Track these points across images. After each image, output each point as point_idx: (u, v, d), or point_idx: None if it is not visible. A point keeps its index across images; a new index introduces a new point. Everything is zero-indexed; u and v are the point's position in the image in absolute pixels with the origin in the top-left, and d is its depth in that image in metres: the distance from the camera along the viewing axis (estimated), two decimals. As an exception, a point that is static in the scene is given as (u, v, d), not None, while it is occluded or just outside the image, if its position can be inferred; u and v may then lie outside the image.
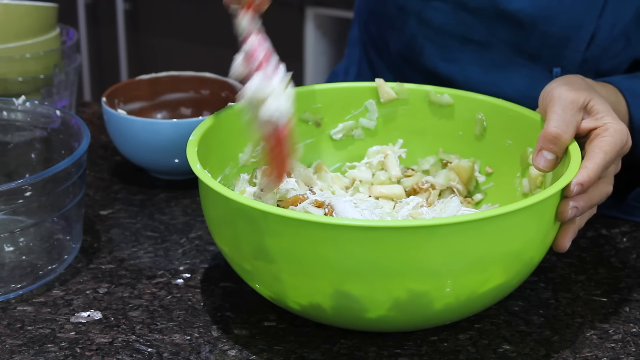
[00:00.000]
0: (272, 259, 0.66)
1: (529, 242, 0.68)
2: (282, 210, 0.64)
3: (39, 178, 0.75)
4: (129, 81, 1.01)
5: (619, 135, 0.73)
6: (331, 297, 0.66)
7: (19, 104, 0.88)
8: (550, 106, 0.74)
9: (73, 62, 1.06)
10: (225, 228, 0.70)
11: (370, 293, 0.65)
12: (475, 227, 0.64)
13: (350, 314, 0.67)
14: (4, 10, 1.01)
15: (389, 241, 0.63)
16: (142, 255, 0.83)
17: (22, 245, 0.80)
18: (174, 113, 1.03)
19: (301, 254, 0.65)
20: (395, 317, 0.67)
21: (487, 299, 0.69)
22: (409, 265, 0.64)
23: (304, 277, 0.66)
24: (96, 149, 1.04)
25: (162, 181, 0.97)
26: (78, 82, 1.09)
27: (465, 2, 0.91)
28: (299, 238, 0.64)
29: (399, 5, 0.96)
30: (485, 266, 0.66)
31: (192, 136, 0.74)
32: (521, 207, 0.65)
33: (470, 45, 0.93)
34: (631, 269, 0.83)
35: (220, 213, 0.69)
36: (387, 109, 0.87)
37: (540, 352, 0.71)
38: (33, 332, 0.72)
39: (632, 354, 0.71)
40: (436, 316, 0.69)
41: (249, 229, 0.66)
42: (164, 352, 0.70)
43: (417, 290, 0.65)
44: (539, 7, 0.88)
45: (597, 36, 0.89)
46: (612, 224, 0.90)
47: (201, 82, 1.03)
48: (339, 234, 0.63)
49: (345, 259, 0.64)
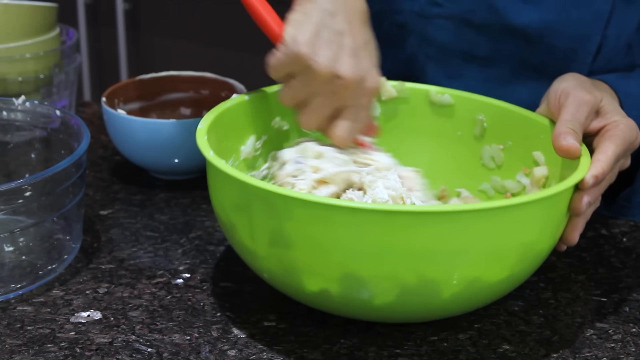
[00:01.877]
0: (289, 244, 0.66)
1: (542, 233, 0.69)
2: (303, 195, 0.65)
3: (38, 178, 0.74)
4: (129, 81, 1.01)
5: (629, 130, 0.74)
6: (342, 280, 0.66)
7: (19, 104, 0.88)
8: (565, 105, 0.75)
9: (73, 62, 1.06)
10: (238, 215, 0.69)
11: (381, 277, 0.66)
12: (494, 214, 0.65)
13: (358, 300, 0.68)
14: (4, 10, 1.00)
15: (409, 225, 0.64)
16: (142, 255, 0.83)
17: (22, 245, 0.80)
18: (174, 113, 1.03)
19: (321, 238, 0.65)
20: (402, 305, 0.67)
21: (494, 290, 0.70)
22: (427, 251, 0.65)
23: (318, 261, 0.66)
24: (96, 149, 1.04)
25: (162, 181, 0.97)
26: (78, 82, 1.09)
27: (469, 18, 0.90)
28: (322, 222, 0.64)
29: (399, 25, 0.95)
30: (500, 256, 0.67)
31: (201, 125, 0.74)
32: (538, 198, 0.66)
33: (474, 61, 0.93)
34: (631, 269, 0.83)
35: (234, 199, 0.69)
36: (387, 107, 0.87)
37: (540, 352, 0.71)
38: (33, 332, 0.72)
39: (632, 354, 0.71)
40: (443, 306, 0.69)
41: (266, 214, 0.66)
42: (164, 352, 0.70)
43: (429, 276, 0.65)
44: (547, 21, 0.87)
45: (604, 47, 0.88)
46: (612, 224, 0.90)
47: (201, 82, 1.03)
48: (362, 218, 0.64)
49: (364, 242, 0.64)
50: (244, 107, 0.81)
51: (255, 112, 0.82)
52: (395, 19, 0.95)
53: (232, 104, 0.80)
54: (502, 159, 0.84)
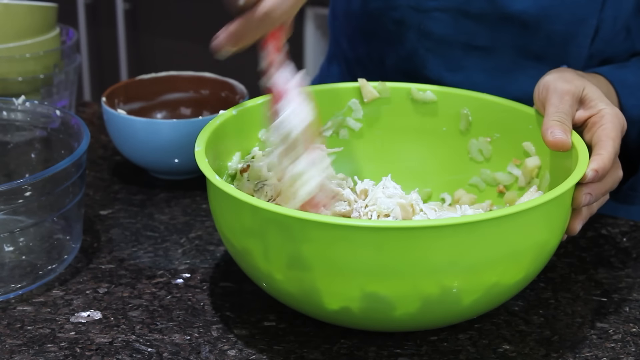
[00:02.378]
0: (308, 267, 0.65)
1: (553, 231, 0.70)
2: (321, 217, 0.64)
3: (39, 178, 0.75)
4: (129, 81, 1.01)
5: (617, 119, 0.74)
6: (363, 298, 0.66)
7: (19, 103, 0.88)
8: (547, 99, 0.75)
9: (73, 62, 1.06)
10: (251, 240, 0.68)
11: (402, 292, 0.65)
12: (510, 220, 0.65)
13: (379, 315, 0.68)
14: (4, 10, 1.01)
15: (430, 240, 0.64)
16: (142, 255, 0.83)
17: (22, 245, 0.80)
18: (174, 113, 1.03)
19: (340, 258, 0.64)
20: (423, 315, 0.67)
21: (511, 291, 0.70)
22: (448, 262, 0.64)
23: (338, 282, 0.66)
24: (96, 149, 1.04)
25: (162, 181, 0.97)
26: (78, 82, 1.09)
27: (466, 9, 0.91)
28: (340, 243, 0.64)
29: (397, 21, 0.95)
30: (517, 259, 0.67)
31: (198, 147, 0.73)
32: (550, 199, 0.66)
33: (474, 52, 0.93)
34: (631, 269, 0.83)
35: (247, 224, 0.68)
36: (370, 109, 0.87)
37: (540, 352, 0.71)
38: (33, 332, 0.72)
39: (632, 354, 0.71)
40: (463, 313, 0.69)
41: (283, 238, 0.65)
42: (164, 352, 0.70)
43: (450, 286, 0.65)
44: (542, 7, 0.88)
45: (601, 30, 0.89)
46: (612, 224, 0.90)
47: (201, 82, 1.03)
48: (381, 236, 0.63)
49: (384, 259, 0.64)
50: (231, 123, 0.80)
51: (241, 127, 0.81)
52: (393, 15, 0.95)
53: (221, 121, 0.78)
54: (490, 151, 0.84)
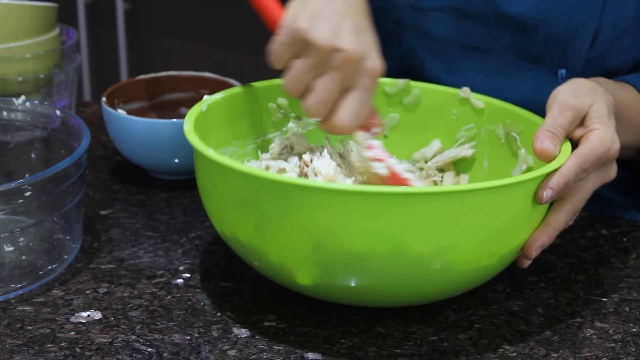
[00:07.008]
0: (303, 236, 0.66)
1: (515, 218, 0.70)
2: (322, 183, 0.65)
3: (39, 178, 0.75)
4: (129, 81, 1.01)
5: (600, 140, 0.73)
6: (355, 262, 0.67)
7: (19, 103, 0.88)
8: (550, 109, 0.75)
9: (73, 62, 1.06)
10: (244, 210, 0.68)
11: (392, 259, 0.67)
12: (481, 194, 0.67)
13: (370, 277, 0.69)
14: (4, 10, 1.01)
15: (425, 205, 0.65)
16: (142, 255, 0.83)
17: (22, 245, 0.80)
18: (174, 113, 1.03)
19: (337, 224, 0.65)
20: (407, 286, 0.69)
21: (477, 276, 0.71)
22: (442, 228, 0.66)
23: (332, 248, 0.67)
24: (96, 149, 1.04)
25: (162, 181, 0.97)
26: (78, 82, 1.09)
27: (464, 9, 0.91)
28: (339, 208, 0.65)
29: (396, 20, 0.95)
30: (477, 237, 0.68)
31: (186, 126, 0.74)
32: (511, 183, 0.68)
33: (472, 53, 0.93)
34: (631, 269, 0.83)
35: (242, 195, 0.68)
36: None
37: (540, 352, 0.71)
38: (33, 332, 0.72)
39: (632, 354, 0.71)
40: (430, 287, 0.71)
41: (280, 206, 0.66)
42: (164, 352, 0.70)
43: (423, 253, 0.67)
44: (540, 9, 0.88)
45: (600, 35, 0.88)
46: (612, 224, 0.90)
47: (201, 82, 1.03)
48: (376, 201, 0.64)
49: (376, 223, 0.65)
50: (218, 106, 0.81)
51: (229, 110, 0.82)
52: (392, 15, 0.95)
53: (209, 103, 0.80)
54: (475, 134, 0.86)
